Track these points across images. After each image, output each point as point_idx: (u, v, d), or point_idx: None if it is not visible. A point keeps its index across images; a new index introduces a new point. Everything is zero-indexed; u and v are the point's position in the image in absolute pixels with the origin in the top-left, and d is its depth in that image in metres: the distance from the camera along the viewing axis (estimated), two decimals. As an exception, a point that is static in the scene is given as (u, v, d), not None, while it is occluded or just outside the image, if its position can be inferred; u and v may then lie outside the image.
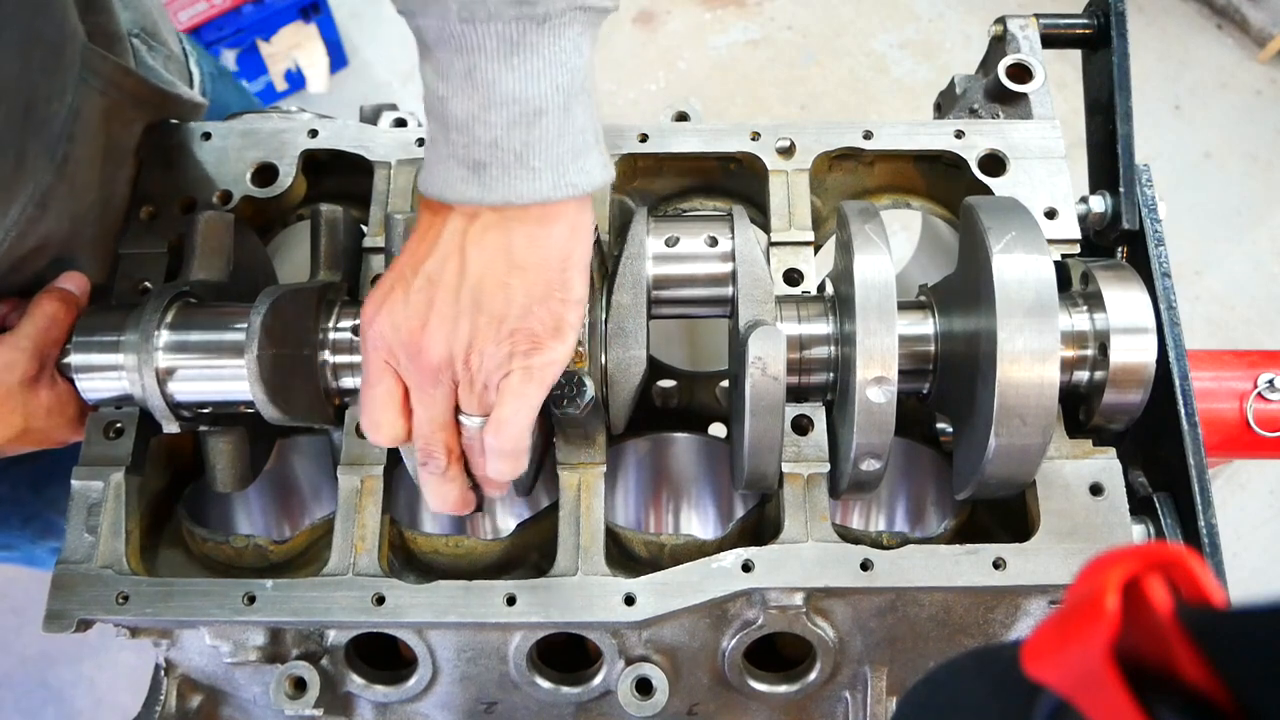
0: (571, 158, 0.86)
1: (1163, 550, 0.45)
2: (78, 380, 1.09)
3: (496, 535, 1.32)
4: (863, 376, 0.96)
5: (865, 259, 0.99)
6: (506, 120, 0.83)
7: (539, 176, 0.85)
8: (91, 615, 1.05)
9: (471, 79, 0.82)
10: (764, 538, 1.09)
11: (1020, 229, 0.96)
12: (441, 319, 0.87)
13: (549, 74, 0.83)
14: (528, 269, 0.87)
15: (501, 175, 0.84)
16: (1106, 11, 1.27)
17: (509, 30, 0.80)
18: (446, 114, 0.84)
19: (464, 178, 0.85)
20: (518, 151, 0.84)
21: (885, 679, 1.12)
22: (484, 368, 0.88)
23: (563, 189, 0.86)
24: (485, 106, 0.82)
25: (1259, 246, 3.25)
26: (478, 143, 0.83)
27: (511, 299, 0.87)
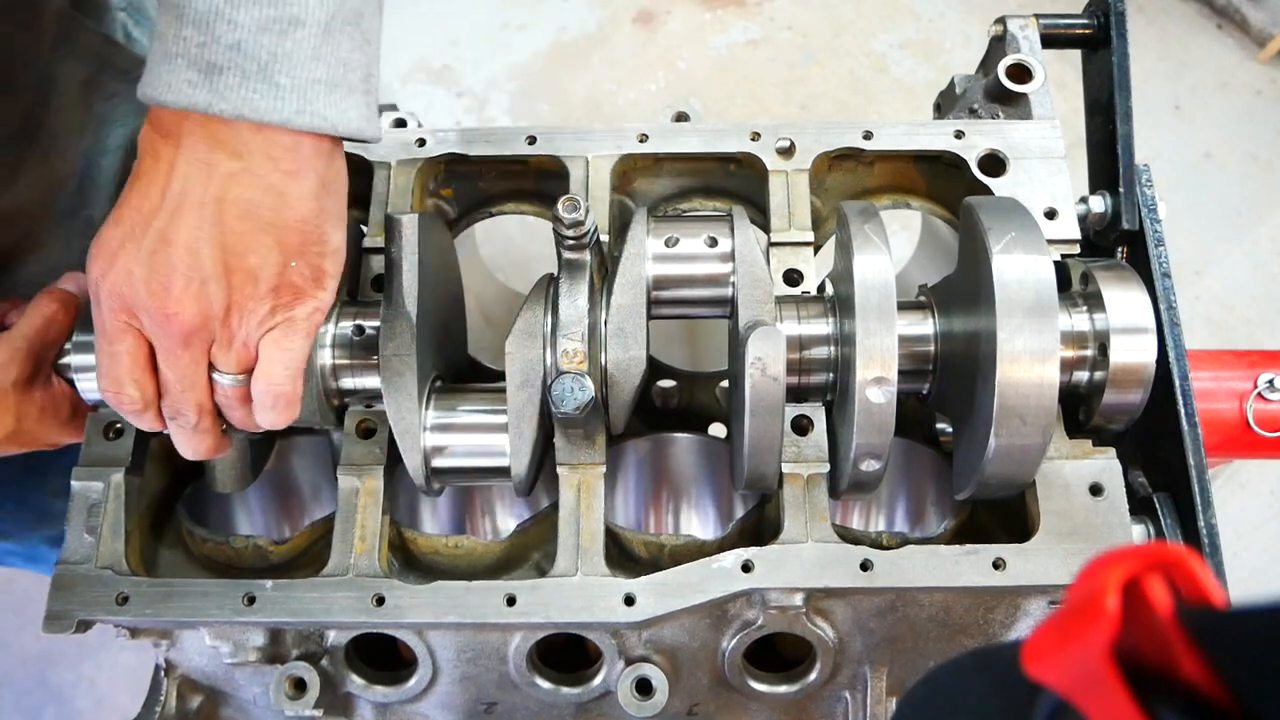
0: (326, 88, 0.76)
1: (1163, 550, 0.45)
2: (78, 380, 1.09)
3: (496, 536, 1.31)
4: (863, 377, 0.96)
5: (865, 259, 0.99)
6: (256, 22, 0.73)
7: (282, 95, 0.75)
8: (91, 616, 1.04)
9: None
10: (764, 538, 1.09)
11: (1020, 229, 0.96)
12: (189, 282, 0.79)
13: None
14: (279, 228, 0.80)
15: (239, 84, 0.74)
16: (1106, 11, 1.27)
17: None
18: (185, 3, 0.73)
19: (192, 81, 0.74)
20: (263, 61, 0.74)
21: (885, 679, 1.12)
22: (245, 326, 0.84)
23: (307, 117, 0.76)
24: (234, 2, 0.73)
25: (1259, 246, 3.25)
26: (217, 42, 0.73)
27: (266, 258, 0.81)
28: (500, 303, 1.84)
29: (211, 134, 0.77)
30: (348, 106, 0.79)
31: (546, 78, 3.55)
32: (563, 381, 1.00)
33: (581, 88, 3.52)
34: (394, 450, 1.14)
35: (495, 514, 1.60)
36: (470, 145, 1.22)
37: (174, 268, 0.79)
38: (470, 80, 3.56)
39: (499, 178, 1.30)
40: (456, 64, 3.59)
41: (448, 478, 1.11)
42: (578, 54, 3.59)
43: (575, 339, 1.02)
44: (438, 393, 1.10)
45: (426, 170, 1.23)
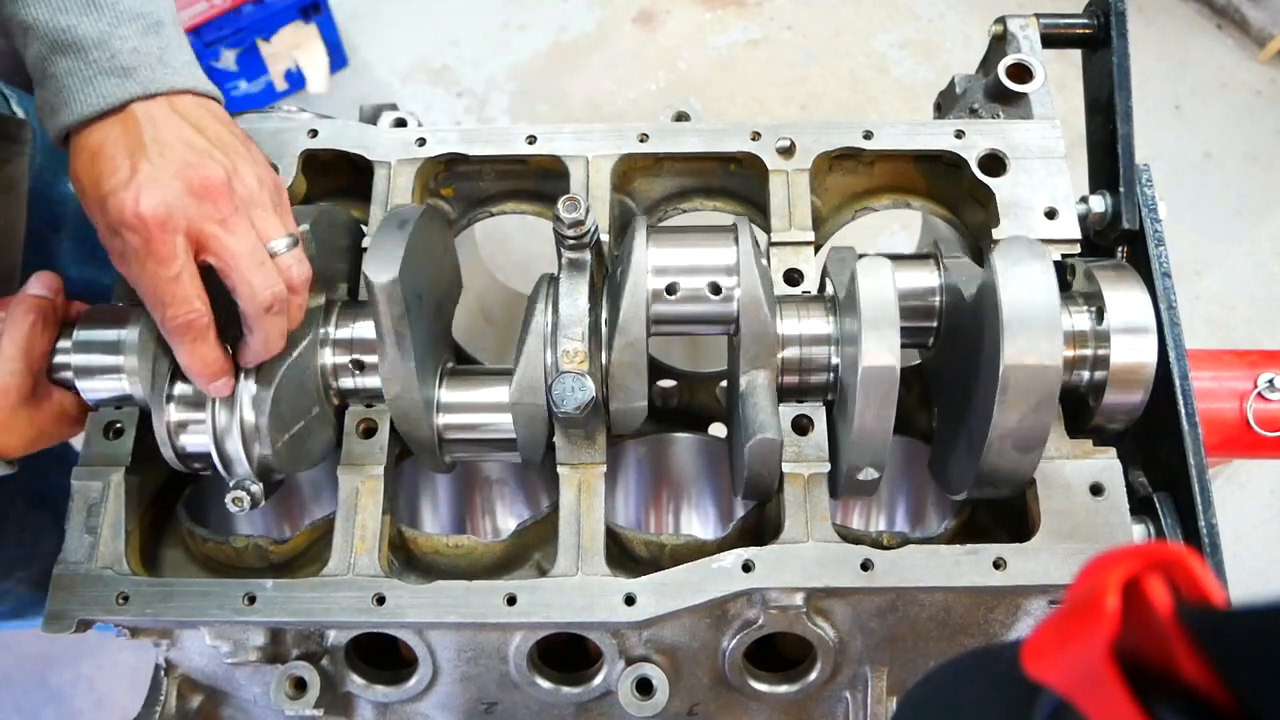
0: (196, 67, 1.01)
1: (1163, 550, 0.45)
2: (78, 381, 1.09)
3: (497, 536, 1.31)
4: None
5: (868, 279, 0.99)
6: (138, 31, 0.96)
7: (180, 73, 0.98)
8: (91, 615, 1.04)
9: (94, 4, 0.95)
10: (764, 538, 1.09)
11: (1027, 249, 0.97)
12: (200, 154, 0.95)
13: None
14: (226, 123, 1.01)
15: (151, 73, 0.96)
16: (1106, 11, 1.27)
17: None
18: (79, 39, 0.94)
19: (118, 84, 0.94)
20: (157, 54, 0.97)
21: (885, 679, 1.12)
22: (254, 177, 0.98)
23: (203, 85, 1.01)
24: (115, 23, 0.95)
25: (1259, 246, 3.25)
26: (120, 53, 0.94)
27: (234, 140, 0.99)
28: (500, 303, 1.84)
29: (155, 104, 0.96)
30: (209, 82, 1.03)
31: (546, 78, 3.55)
32: (563, 381, 1.00)
33: (581, 88, 3.52)
34: (394, 450, 1.14)
35: (496, 514, 1.60)
36: (470, 145, 1.22)
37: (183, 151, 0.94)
38: (470, 80, 3.56)
39: (499, 177, 1.30)
40: (456, 64, 3.59)
41: (458, 449, 1.13)
42: (577, 54, 3.59)
43: (576, 339, 1.02)
44: (449, 373, 1.13)
45: (426, 170, 1.23)
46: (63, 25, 0.94)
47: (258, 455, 1.04)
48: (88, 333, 1.09)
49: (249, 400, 1.02)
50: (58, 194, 1.48)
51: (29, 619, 1.67)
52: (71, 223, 1.51)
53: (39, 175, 1.41)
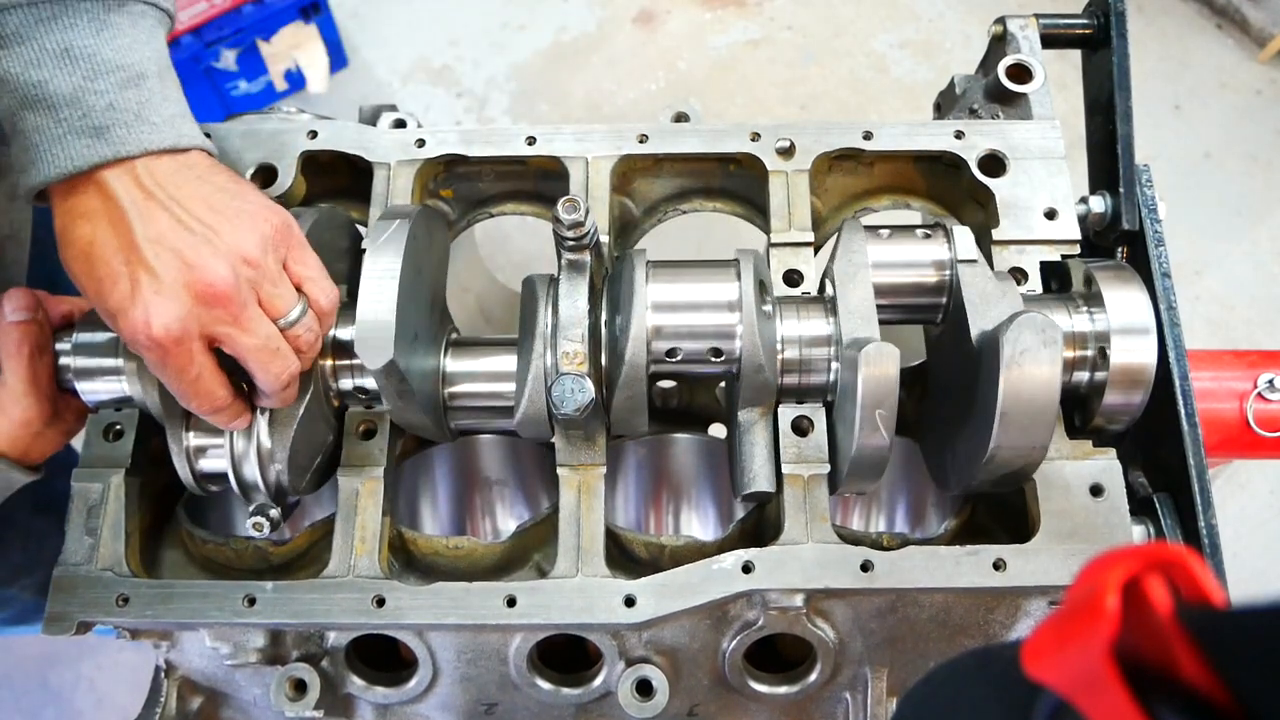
0: (181, 119, 0.94)
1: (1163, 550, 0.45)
2: (77, 383, 1.09)
3: (497, 537, 1.31)
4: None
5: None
6: (116, 85, 0.89)
7: (160, 130, 0.91)
8: (92, 617, 1.04)
9: (70, 55, 0.88)
10: (764, 539, 1.09)
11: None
12: (199, 250, 0.89)
13: (138, 48, 0.92)
14: (230, 193, 0.94)
15: (127, 132, 0.89)
16: (1106, 11, 1.27)
17: (95, 9, 0.89)
18: (51, 95, 0.88)
19: (89, 145, 0.88)
20: (135, 110, 0.90)
21: (885, 680, 1.12)
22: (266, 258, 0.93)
23: (187, 139, 0.93)
24: (91, 77, 0.88)
25: (1259, 246, 3.25)
26: (93, 110, 0.88)
27: (229, 200, 0.93)
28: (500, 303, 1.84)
29: (130, 176, 0.90)
30: (198, 133, 0.96)
31: (546, 78, 3.55)
32: (563, 382, 1.00)
33: (581, 88, 3.52)
34: (394, 451, 1.14)
35: (495, 515, 1.60)
36: (470, 145, 1.22)
37: (180, 250, 0.89)
38: (470, 80, 3.56)
39: (499, 178, 1.30)
40: (456, 64, 3.59)
41: (463, 416, 1.14)
42: (578, 54, 3.59)
43: (575, 340, 1.02)
44: (453, 343, 1.14)
45: (426, 170, 1.23)
46: (34, 80, 0.88)
47: (274, 478, 1.05)
48: (87, 335, 1.09)
49: (265, 427, 1.03)
50: None
51: (31, 625, 1.68)
52: None
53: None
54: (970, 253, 1.06)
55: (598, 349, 1.06)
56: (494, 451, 1.54)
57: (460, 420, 1.14)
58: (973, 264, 1.05)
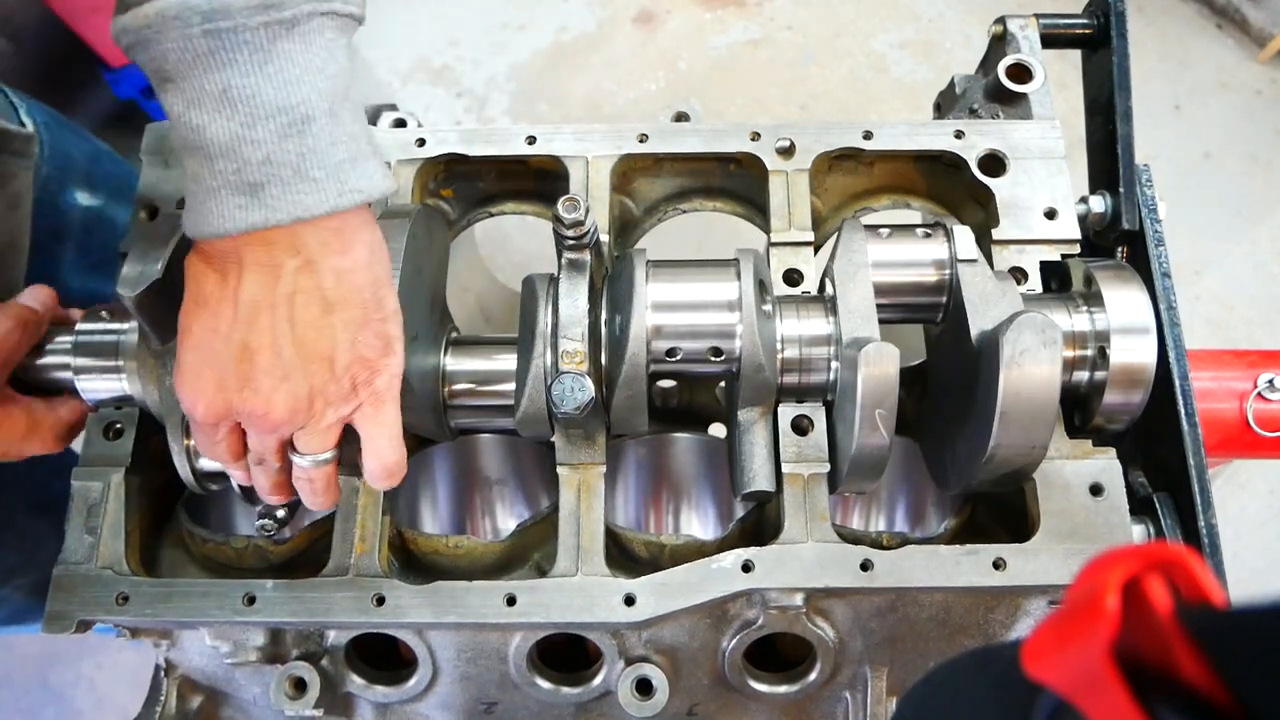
0: (350, 164, 0.83)
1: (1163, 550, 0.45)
2: (78, 381, 1.09)
3: (496, 536, 1.31)
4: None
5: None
6: (275, 133, 0.78)
7: (321, 187, 0.81)
8: (91, 616, 1.04)
9: (228, 97, 0.77)
10: (764, 538, 1.09)
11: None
12: (275, 382, 0.85)
13: (308, 80, 0.79)
14: (343, 304, 0.86)
15: (282, 193, 0.80)
16: (1106, 11, 1.27)
17: (258, 38, 0.76)
18: (207, 142, 0.79)
19: (242, 205, 0.80)
20: (294, 164, 0.80)
21: (885, 679, 1.12)
22: (329, 409, 0.89)
23: (349, 195, 0.82)
24: (249, 124, 0.78)
25: (1259, 246, 3.25)
26: (248, 164, 0.79)
27: (336, 339, 0.86)
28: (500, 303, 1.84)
29: (267, 241, 0.82)
30: (370, 172, 0.85)
31: (546, 78, 3.55)
32: (563, 381, 1.00)
33: (581, 88, 3.52)
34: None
35: (495, 514, 1.60)
36: (470, 145, 1.22)
37: (260, 371, 0.85)
38: (470, 80, 3.56)
39: (499, 178, 1.30)
40: (456, 64, 3.59)
41: (463, 415, 1.13)
42: (577, 54, 3.59)
43: (575, 339, 1.02)
44: (453, 342, 1.13)
45: (426, 170, 1.23)
46: (194, 124, 0.78)
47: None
48: (87, 334, 1.09)
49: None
50: (63, 204, 1.48)
51: (26, 625, 1.68)
52: (75, 233, 1.51)
53: (44, 185, 1.40)
54: (970, 252, 1.06)
55: (598, 348, 1.06)
56: (494, 451, 1.54)
57: (460, 419, 1.14)
58: (973, 264, 1.05)
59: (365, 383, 0.89)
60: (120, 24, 0.77)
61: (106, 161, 1.57)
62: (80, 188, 1.49)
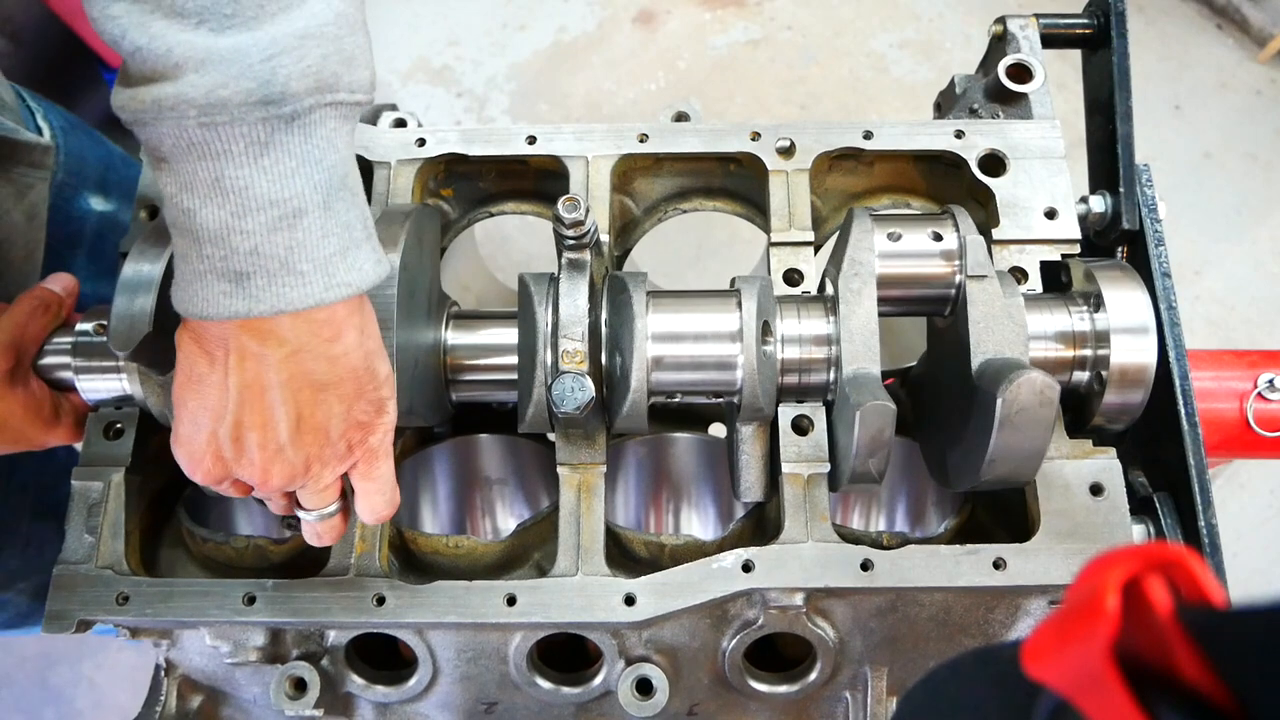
0: (340, 257, 0.81)
1: (1163, 550, 0.45)
2: (78, 381, 1.09)
3: (496, 536, 1.31)
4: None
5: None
6: (265, 225, 0.77)
7: (308, 281, 0.80)
8: (91, 616, 1.04)
9: (220, 187, 0.76)
10: (764, 538, 1.09)
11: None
12: (270, 455, 0.86)
13: (304, 173, 0.78)
14: (335, 384, 0.86)
15: (267, 284, 0.79)
16: (1106, 11, 1.27)
17: (256, 131, 0.75)
18: (196, 227, 0.78)
19: (226, 292, 0.79)
20: (281, 257, 0.79)
21: (885, 679, 1.12)
22: (325, 471, 0.90)
23: (335, 290, 0.81)
24: (239, 214, 0.77)
25: (1259, 246, 3.25)
26: (236, 253, 0.78)
27: (331, 412, 0.87)
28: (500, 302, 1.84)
29: (254, 330, 0.82)
30: (361, 263, 0.84)
31: (546, 78, 3.55)
32: (563, 381, 1.00)
33: (581, 88, 3.52)
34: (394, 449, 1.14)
35: (495, 514, 1.60)
36: (470, 145, 1.22)
37: (255, 445, 0.86)
38: (470, 80, 3.56)
39: (499, 178, 1.30)
40: (456, 64, 3.59)
41: (464, 389, 1.14)
42: (577, 54, 3.59)
43: (576, 339, 1.03)
44: (454, 316, 1.14)
45: (426, 170, 1.23)
46: (185, 207, 0.78)
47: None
48: (88, 334, 1.09)
49: None
50: (77, 210, 1.47)
51: (27, 627, 1.68)
52: (88, 239, 1.51)
53: (59, 191, 1.40)
54: (982, 268, 1.03)
55: (598, 348, 1.06)
56: (494, 451, 1.54)
57: (462, 393, 1.14)
58: (982, 280, 1.03)
59: (360, 443, 0.91)
60: (118, 101, 0.77)
61: (120, 165, 1.57)
62: (94, 193, 1.50)
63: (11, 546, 1.50)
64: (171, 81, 0.73)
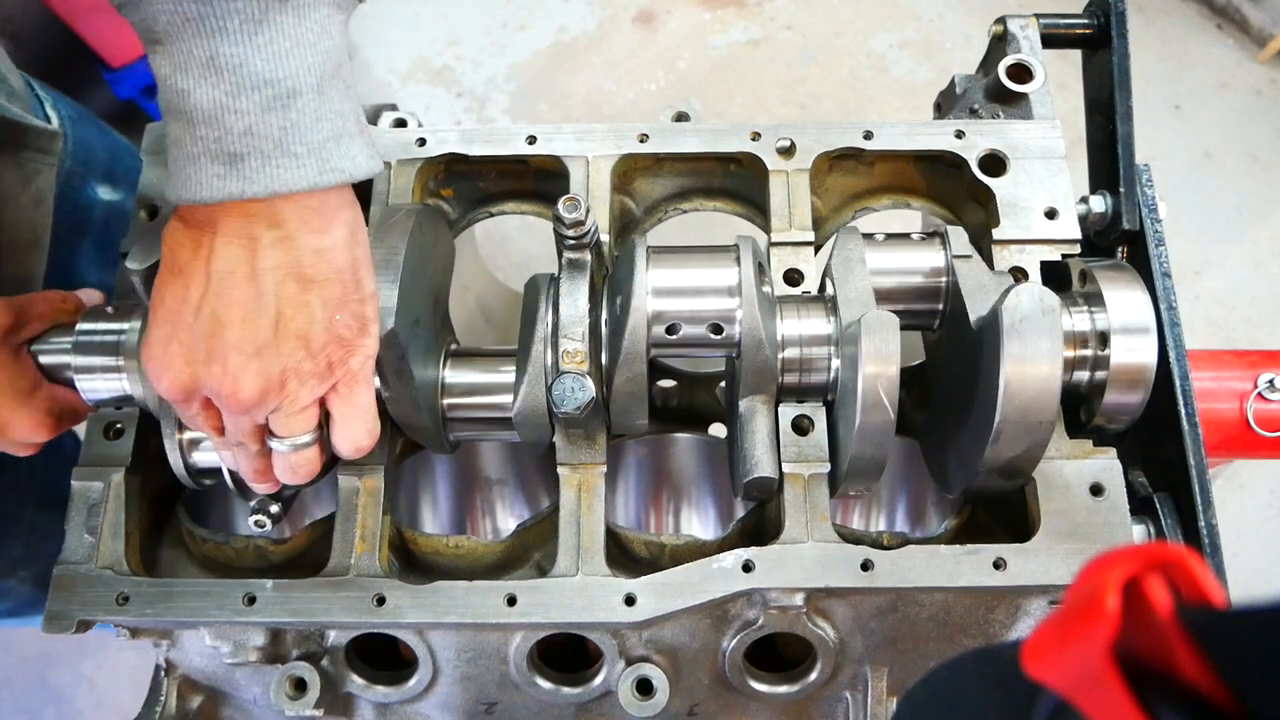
0: (334, 142, 0.82)
1: (1163, 550, 0.45)
2: (78, 381, 1.09)
3: (497, 536, 1.32)
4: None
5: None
6: (260, 105, 0.77)
7: (302, 163, 0.80)
8: (92, 616, 1.04)
9: (215, 65, 0.76)
10: (764, 538, 1.09)
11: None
12: (245, 359, 0.83)
13: (298, 54, 0.78)
14: (321, 282, 0.84)
15: (261, 165, 0.79)
16: (1106, 11, 1.27)
17: (250, 8, 0.75)
18: (190, 108, 0.77)
19: (220, 174, 0.78)
20: (276, 138, 0.78)
21: (885, 679, 1.12)
22: (303, 389, 0.87)
23: (329, 174, 0.81)
24: (234, 93, 0.76)
25: (1259, 246, 3.25)
26: (230, 133, 0.77)
27: (313, 316, 0.85)
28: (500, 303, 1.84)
29: (245, 212, 0.81)
30: (354, 152, 0.84)
31: (546, 78, 3.55)
32: (563, 381, 1.00)
33: (581, 88, 3.52)
34: (394, 449, 1.14)
35: (495, 514, 1.60)
36: (470, 145, 1.22)
37: (229, 345, 0.83)
38: (470, 80, 3.56)
39: (499, 178, 1.30)
40: (456, 64, 3.59)
41: (462, 428, 1.13)
42: (577, 54, 3.59)
43: (576, 339, 1.03)
44: (452, 354, 1.13)
45: (426, 170, 1.23)
46: (179, 88, 0.77)
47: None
48: (88, 333, 1.09)
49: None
50: (84, 199, 1.47)
51: (28, 617, 1.68)
52: (95, 228, 1.51)
53: (67, 180, 1.40)
54: (965, 249, 1.07)
55: (598, 348, 1.06)
56: (494, 451, 1.54)
57: (459, 432, 1.14)
58: (967, 259, 1.06)
59: (340, 362, 0.88)
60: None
61: (126, 156, 1.57)
62: (101, 182, 1.50)
63: (15, 534, 1.50)
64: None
